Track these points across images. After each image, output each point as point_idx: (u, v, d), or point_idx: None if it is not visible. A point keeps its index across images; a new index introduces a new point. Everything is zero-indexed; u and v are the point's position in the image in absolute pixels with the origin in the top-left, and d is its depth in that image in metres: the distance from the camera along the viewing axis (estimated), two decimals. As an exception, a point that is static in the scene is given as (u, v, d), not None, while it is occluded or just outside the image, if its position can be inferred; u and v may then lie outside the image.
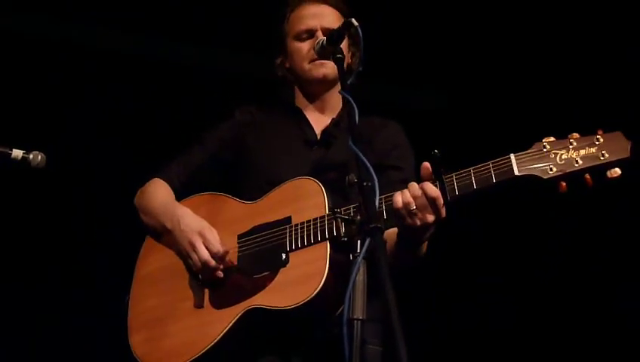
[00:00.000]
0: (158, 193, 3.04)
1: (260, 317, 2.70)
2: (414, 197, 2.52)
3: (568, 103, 4.87)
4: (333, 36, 2.71)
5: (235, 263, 2.84)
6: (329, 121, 3.08)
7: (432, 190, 2.52)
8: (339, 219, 2.58)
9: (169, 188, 3.06)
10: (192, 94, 4.99)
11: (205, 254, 2.80)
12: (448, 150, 2.54)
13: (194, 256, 2.83)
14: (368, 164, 2.27)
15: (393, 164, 2.97)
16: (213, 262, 2.81)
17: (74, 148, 4.71)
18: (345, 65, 2.72)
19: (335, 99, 3.09)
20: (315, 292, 2.58)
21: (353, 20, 2.64)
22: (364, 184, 2.26)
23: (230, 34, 4.99)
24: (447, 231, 2.71)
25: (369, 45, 2.62)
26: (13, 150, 2.76)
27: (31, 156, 2.77)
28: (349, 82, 2.57)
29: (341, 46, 2.73)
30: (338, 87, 2.95)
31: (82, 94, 4.86)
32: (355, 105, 2.45)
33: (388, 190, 2.63)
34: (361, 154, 2.30)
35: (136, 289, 3.01)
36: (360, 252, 2.20)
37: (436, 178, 2.55)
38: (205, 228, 2.84)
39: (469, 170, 2.53)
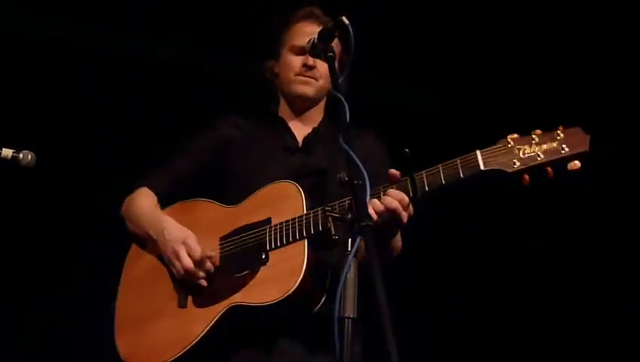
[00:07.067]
0: (144, 202, 3.14)
1: (241, 314, 2.78)
2: (378, 214, 2.60)
3: (546, 103, 4.91)
4: (325, 34, 2.69)
5: (218, 264, 2.92)
6: (310, 129, 3.18)
7: (390, 201, 2.61)
8: (330, 217, 2.58)
9: (154, 197, 3.15)
10: (190, 96, 4.98)
11: (188, 263, 2.90)
12: (433, 148, 2.54)
13: (177, 264, 2.92)
14: (359, 162, 2.27)
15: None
16: (195, 270, 2.90)
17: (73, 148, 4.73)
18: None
19: (316, 113, 3.21)
20: (294, 288, 2.67)
21: (344, 19, 2.64)
22: (355, 182, 2.26)
23: (229, 35, 4.98)
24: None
25: (358, 45, 2.61)
26: (3, 149, 2.78)
27: (21, 155, 2.78)
28: (340, 80, 2.56)
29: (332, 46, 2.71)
30: (321, 104, 3.18)
31: (75, 93, 4.84)
32: (346, 104, 2.44)
33: None
34: (351, 152, 2.30)
35: (122, 293, 3.12)
36: (351, 250, 2.20)
37: (406, 175, 2.62)
38: (189, 237, 2.94)
39: (438, 167, 2.62)
